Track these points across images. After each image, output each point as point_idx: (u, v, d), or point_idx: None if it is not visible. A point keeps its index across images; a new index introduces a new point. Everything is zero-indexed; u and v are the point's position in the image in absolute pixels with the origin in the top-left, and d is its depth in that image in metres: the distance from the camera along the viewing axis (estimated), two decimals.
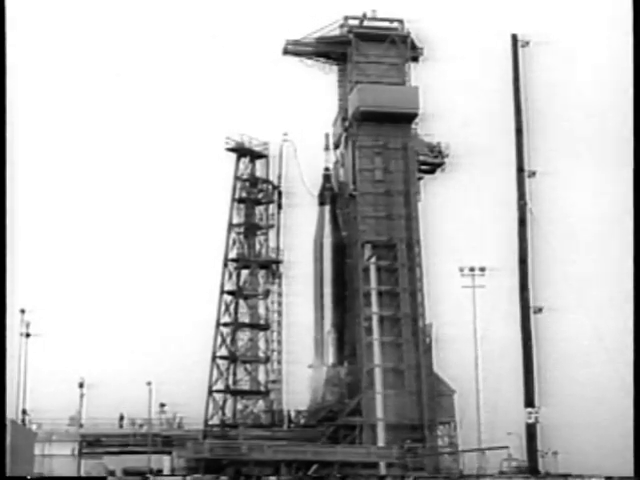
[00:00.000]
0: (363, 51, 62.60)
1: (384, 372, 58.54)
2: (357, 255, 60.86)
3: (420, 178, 63.07)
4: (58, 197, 77.15)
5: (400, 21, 63.28)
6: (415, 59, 63.52)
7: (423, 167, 63.38)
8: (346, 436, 57.32)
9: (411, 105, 61.31)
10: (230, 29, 76.52)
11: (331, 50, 63.89)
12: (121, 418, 57.90)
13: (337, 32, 63.62)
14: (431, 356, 59.82)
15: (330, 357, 61.67)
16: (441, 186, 63.09)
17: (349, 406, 58.56)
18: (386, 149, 61.85)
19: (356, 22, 63.54)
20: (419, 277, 60.62)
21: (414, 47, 63.20)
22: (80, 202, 76.78)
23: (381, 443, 56.50)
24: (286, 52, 63.54)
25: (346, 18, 63.45)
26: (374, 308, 59.37)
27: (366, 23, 63.64)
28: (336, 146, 65.31)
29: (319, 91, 64.91)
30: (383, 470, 53.79)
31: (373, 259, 60.04)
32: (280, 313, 63.68)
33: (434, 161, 63.40)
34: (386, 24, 63.62)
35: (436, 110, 61.44)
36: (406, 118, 61.82)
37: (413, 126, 62.44)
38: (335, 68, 65.08)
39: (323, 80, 64.58)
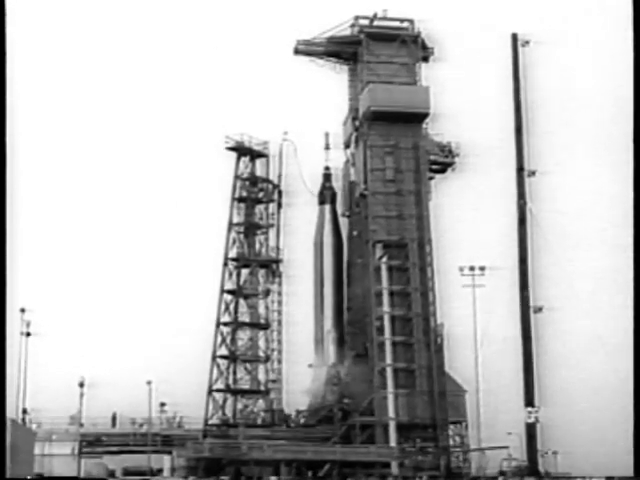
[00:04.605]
0: (374, 51, 62.65)
1: (396, 372, 58.54)
2: (368, 255, 60.82)
3: (431, 178, 63.11)
4: (58, 197, 77.18)
5: (411, 21, 63.31)
6: (426, 59, 63.57)
7: (434, 167, 63.42)
8: (357, 436, 57.31)
9: (422, 105, 61.37)
10: (234, 29, 76.63)
11: (342, 50, 63.95)
12: (114, 418, 57.82)
13: (348, 32, 63.65)
14: (442, 356, 59.79)
15: (330, 357, 61.70)
16: (451, 186, 63.13)
17: (361, 406, 58.52)
18: (397, 149, 61.95)
19: (367, 22, 63.59)
20: (430, 276, 60.65)
21: (425, 47, 63.24)
22: (80, 202, 76.82)
23: (393, 443, 56.52)
24: (297, 52, 63.54)
25: (357, 18, 63.49)
26: (385, 308, 59.37)
27: (377, 23, 63.69)
28: (346, 145, 65.35)
29: (319, 90, 64.92)
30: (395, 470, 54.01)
31: (384, 259, 60.03)
32: (280, 312, 63.67)
33: (445, 161, 63.47)
34: (397, 24, 63.68)
35: (446, 110, 61.49)
36: (417, 118, 61.86)
37: (424, 126, 62.46)
38: (346, 68, 65.01)
39: (323, 79, 64.55)
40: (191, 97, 76.52)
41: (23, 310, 55.12)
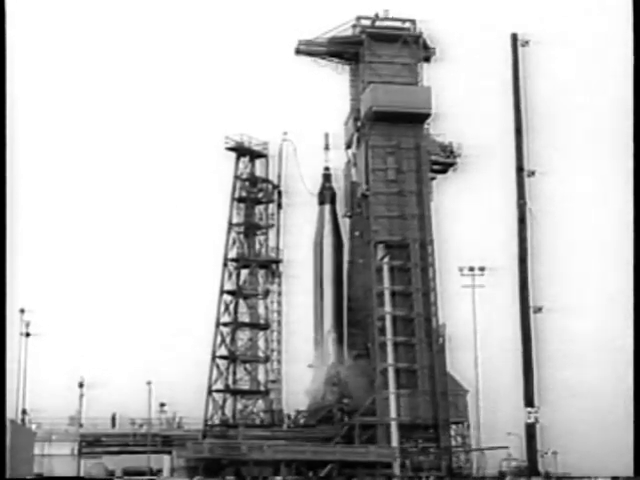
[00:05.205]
0: (375, 51, 62.65)
1: (398, 372, 58.55)
2: (370, 255, 60.83)
3: (432, 178, 63.14)
4: (58, 197, 77.20)
5: (412, 21, 63.30)
6: (427, 59, 63.60)
7: (435, 167, 63.44)
8: (359, 436, 57.32)
9: (424, 105, 61.36)
10: (236, 30, 76.69)
11: (343, 50, 63.88)
12: (113, 418, 57.80)
13: (349, 32, 63.61)
14: (444, 356, 59.80)
15: (330, 357, 61.68)
16: (453, 186, 63.22)
17: (361, 406, 58.50)
18: (399, 149, 61.96)
19: (368, 22, 63.56)
20: (432, 277, 60.64)
21: (426, 47, 63.26)
22: (80, 202, 76.84)
23: (394, 443, 56.53)
24: (299, 52, 63.48)
25: (358, 18, 63.46)
26: (387, 308, 59.36)
27: (378, 23, 63.69)
28: (348, 146, 65.33)
29: (320, 91, 64.91)
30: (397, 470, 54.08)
31: (386, 259, 60.04)
32: (280, 313, 63.64)
33: (446, 161, 63.50)
34: (398, 24, 63.67)
35: (447, 110, 61.54)
36: (419, 118, 61.87)
37: (425, 126, 62.50)
38: (347, 68, 64.95)
39: (325, 80, 64.57)
40: (192, 97, 76.58)
41: (23, 311, 55.08)
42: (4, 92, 31.38)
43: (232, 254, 63.03)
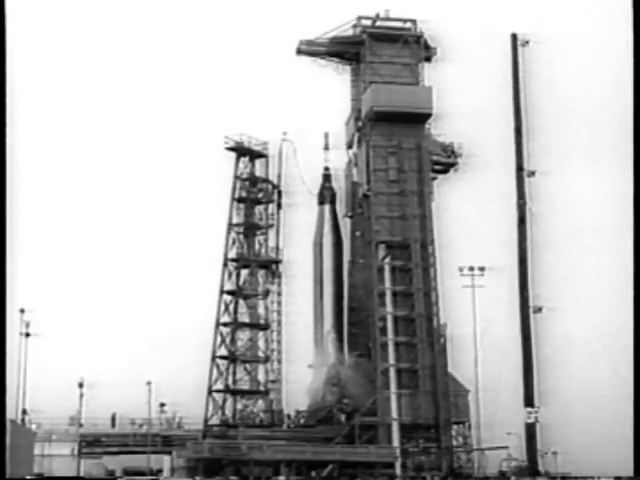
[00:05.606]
0: (376, 51, 62.71)
1: (399, 372, 58.55)
2: (371, 255, 60.85)
3: (434, 178, 63.19)
4: (58, 197, 77.21)
5: (413, 21, 63.33)
6: (428, 59, 63.63)
7: (436, 167, 63.49)
8: (360, 436, 57.36)
9: (425, 105, 61.44)
10: (237, 29, 76.71)
11: (344, 50, 63.96)
12: (113, 418, 57.81)
13: (350, 32, 63.72)
14: (445, 356, 59.85)
15: (330, 357, 61.68)
16: (454, 186, 63.23)
17: (361, 406, 58.51)
18: (400, 149, 62.06)
19: (369, 22, 63.66)
20: (433, 277, 60.71)
21: (427, 47, 63.31)
22: (80, 202, 76.85)
23: (396, 443, 56.55)
24: (300, 52, 63.55)
25: (359, 18, 63.55)
26: (388, 308, 59.39)
27: (379, 23, 63.78)
28: (349, 146, 65.37)
29: (321, 91, 64.90)
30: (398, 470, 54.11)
31: (387, 259, 60.09)
32: (280, 313, 63.67)
33: (447, 161, 63.56)
34: (399, 24, 63.75)
35: (448, 110, 61.54)
36: (420, 118, 61.93)
37: (426, 126, 62.52)
38: (348, 68, 65.02)
39: (325, 80, 64.59)
40: (192, 97, 76.60)
41: (23, 311, 55.10)
42: (4, 92, 31.37)
43: (232, 254, 63.03)
